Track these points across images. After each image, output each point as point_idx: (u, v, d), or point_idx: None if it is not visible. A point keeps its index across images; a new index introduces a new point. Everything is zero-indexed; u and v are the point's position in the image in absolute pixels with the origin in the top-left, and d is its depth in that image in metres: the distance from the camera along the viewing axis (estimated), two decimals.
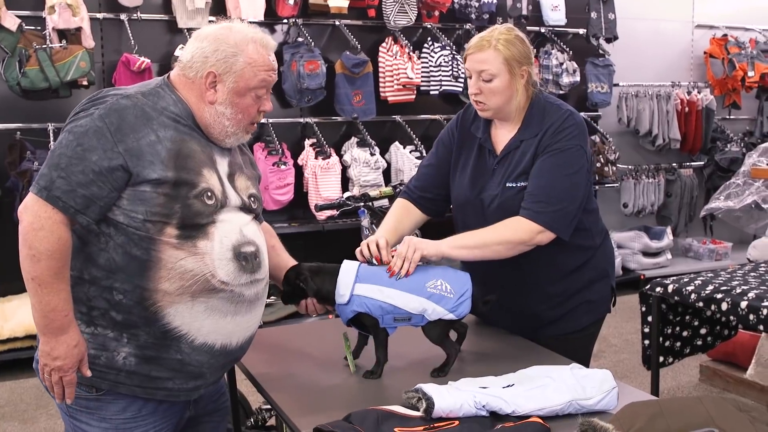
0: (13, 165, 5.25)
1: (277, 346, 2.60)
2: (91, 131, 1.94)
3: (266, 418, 3.47)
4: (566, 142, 2.46)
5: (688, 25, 8.04)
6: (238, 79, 2.05)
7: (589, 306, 2.65)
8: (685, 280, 3.69)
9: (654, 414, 1.68)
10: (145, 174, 1.95)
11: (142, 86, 2.10)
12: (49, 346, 1.96)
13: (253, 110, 2.11)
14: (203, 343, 2.05)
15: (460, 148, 2.65)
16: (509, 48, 2.45)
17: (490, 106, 2.50)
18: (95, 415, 2.08)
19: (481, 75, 2.47)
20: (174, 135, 2.01)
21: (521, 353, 2.42)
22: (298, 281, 2.32)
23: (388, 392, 2.15)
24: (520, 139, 2.52)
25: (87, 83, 5.26)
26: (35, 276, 1.92)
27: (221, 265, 2.02)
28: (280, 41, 6.17)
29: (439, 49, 6.35)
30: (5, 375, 5.04)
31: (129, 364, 2.02)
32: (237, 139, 2.14)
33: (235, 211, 2.09)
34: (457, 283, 2.26)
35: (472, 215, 2.58)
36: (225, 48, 2.04)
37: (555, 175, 2.44)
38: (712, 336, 4.06)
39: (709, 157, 7.78)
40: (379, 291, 2.24)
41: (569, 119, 2.50)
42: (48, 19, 5.21)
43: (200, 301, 2.01)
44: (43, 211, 1.91)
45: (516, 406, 1.90)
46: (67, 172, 1.92)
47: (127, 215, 1.97)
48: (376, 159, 6.13)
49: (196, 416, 2.28)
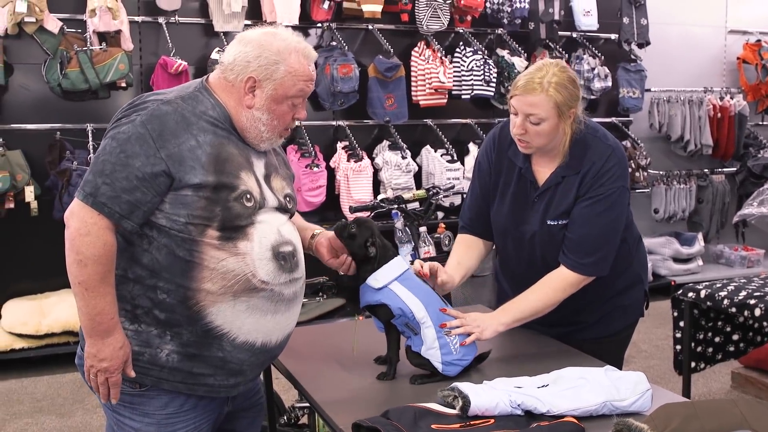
0: (53, 164, 5.36)
1: (312, 345, 2.64)
2: (134, 138, 1.97)
3: (299, 416, 3.52)
4: (609, 185, 2.43)
5: (721, 30, 7.98)
6: (277, 87, 2.08)
7: (623, 311, 2.68)
8: (718, 286, 3.69)
9: (688, 415, 1.70)
10: (187, 179, 1.98)
11: (180, 90, 2.13)
12: (95, 348, 2.01)
13: (288, 117, 2.14)
14: (244, 341, 2.09)
15: (499, 171, 2.61)
16: (560, 92, 2.36)
17: (534, 145, 2.44)
18: (138, 410, 2.12)
19: (528, 117, 2.38)
20: (213, 139, 2.04)
21: (555, 356, 2.45)
22: (369, 239, 2.30)
23: (423, 390, 2.18)
24: (562, 174, 2.48)
25: (125, 85, 5.36)
26: (82, 280, 1.96)
27: (261, 265, 2.06)
28: (314, 45, 6.23)
29: (471, 53, 6.37)
30: (43, 370, 5.14)
31: (172, 360, 2.07)
32: (271, 143, 2.18)
33: (272, 212, 2.13)
34: (468, 348, 2.30)
35: (512, 244, 2.61)
36: (268, 55, 2.07)
37: (598, 223, 2.44)
38: (745, 342, 4.05)
39: (742, 163, 7.71)
40: (410, 297, 2.27)
41: (612, 158, 2.45)
42: (89, 22, 5.32)
43: (242, 300, 2.05)
44: (89, 217, 1.95)
45: (551, 405, 1.93)
46: (112, 178, 1.96)
47: (169, 218, 2.01)
48: (408, 162, 6.17)
49: (233, 412, 2.32)
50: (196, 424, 2.16)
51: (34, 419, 4.43)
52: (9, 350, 5.12)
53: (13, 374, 5.10)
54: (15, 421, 4.40)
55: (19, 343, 5.14)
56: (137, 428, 2.13)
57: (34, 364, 5.19)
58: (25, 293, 5.49)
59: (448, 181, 5.91)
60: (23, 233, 5.47)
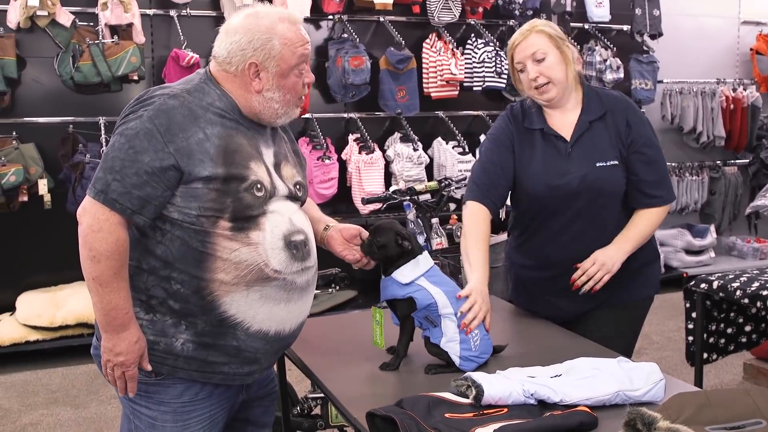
0: (66, 157, 5.40)
1: (325, 336, 2.65)
2: (142, 133, 1.98)
3: (312, 406, 3.53)
4: (647, 129, 2.69)
5: (734, 21, 7.93)
6: (279, 62, 2.09)
7: (646, 279, 2.80)
8: (731, 277, 3.69)
9: (701, 404, 1.70)
10: (197, 172, 1.99)
11: (185, 82, 2.14)
12: (111, 342, 2.03)
13: (298, 86, 2.15)
14: (258, 330, 2.11)
15: (521, 143, 2.69)
16: (548, 27, 2.62)
17: (554, 79, 2.59)
18: (154, 399, 2.14)
19: (533, 57, 2.58)
20: (221, 131, 2.05)
21: (568, 347, 2.44)
22: (398, 236, 2.28)
23: (437, 380, 2.19)
24: (588, 120, 2.64)
25: (137, 78, 5.38)
26: (96, 276, 1.99)
27: (273, 254, 2.07)
28: (326, 37, 6.25)
29: (482, 45, 6.36)
30: (58, 362, 5.18)
31: (187, 349, 2.08)
32: (288, 117, 2.18)
33: (283, 201, 2.14)
34: (486, 345, 2.30)
35: (555, 201, 2.64)
36: (259, 36, 2.07)
37: (660, 160, 2.70)
38: (757, 333, 4.04)
39: (755, 155, 7.68)
40: (437, 292, 2.26)
41: (629, 105, 2.72)
42: (100, 15, 5.34)
43: (255, 289, 2.06)
44: (101, 214, 1.97)
45: (564, 395, 1.93)
46: (122, 174, 1.97)
47: (180, 211, 2.02)
48: (419, 154, 6.17)
49: (248, 400, 2.34)
50: (212, 413, 2.18)
51: (49, 410, 4.46)
52: (24, 342, 5.16)
53: (29, 366, 5.15)
54: (30, 413, 4.44)
55: (33, 335, 5.18)
56: (153, 417, 2.15)
57: (48, 355, 5.23)
58: (39, 286, 5.54)
59: (459, 173, 5.91)
60: (37, 226, 5.51)
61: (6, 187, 5.12)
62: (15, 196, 5.24)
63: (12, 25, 5.23)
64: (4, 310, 5.44)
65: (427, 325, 2.29)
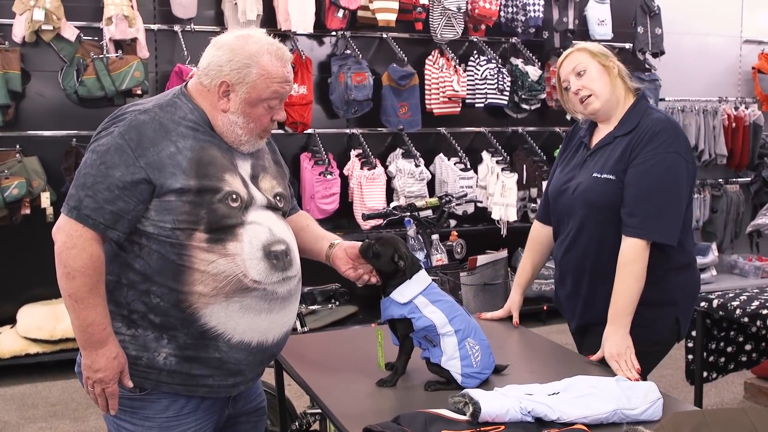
0: (69, 171, 5.40)
1: (324, 352, 2.65)
2: (113, 149, 2.00)
3: (311, 422, 3.53)
4: (662, 150, 2.47)
5: (736, 40, 7.97)
6: (250, 90, 2.09)
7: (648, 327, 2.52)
8: (731, 296, 3.68)
9: (699, 424, 1.70)
10: (169, 184, 2.00)
11: (159, 98, 2.15)
12: (90, 359, 2.03)
13: (265, 120, 2.14)
14: (240, 341, 2.10)
15: (567, 154, 2.80)
16: (590, 45, 2.67)
17: (596, 92, 2.59)
18: (139, 415, 2.13)
19: (575, 71, 2.62)
20: (193, 144, 2.06)
21: (566, 365, 2.44)
22: (396, 254, 2.28)
23: (435, 397, 2.19)
24: (614, 135, 2.61)
25: (141, 92, 5.41)
26: (71, 293, 2.00)
27: (252, 264, 2.07)
28: (329, 53, 6.28)
29: (485, 62, 6.39)
30: (57, 375, 5.18)
31: (169, 363, 2.08)
32: (251, 145, 2.17)
33: (262, 211, 2.14)
34: (487, 359, 2.28)
35: (560, 204, 2.68)
36: (240, 58, 2.07)
37: (653, 183, 2.46)
38: (757, 352, 4.03)
39: (756, 173, 7.70)
40: (433, 311, 2.25)
41: (665, 125, 2.51)
42: (105, 30, 5.37)
43: (234, 300, 2.06)
44: (75, 230, 1.98)
45: (561, 412, 1.93)
46: (93, 190, 1.99)
47: (155, 225, 2.03)
48: (421, 170, 6.19)
49: (235, 415, 2.33)
50: (197, 427, 2.17)
51: (49, 423, 4.46)
52: (24, 355, 5.17)
53: (28, 379, 5.15)
54: (30, 425, 4.43)
55: (33, 348, 5.18)
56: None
57: (48, 368, 5.23)
58: (40, 298, 5.53)
59: (461, 189, 5.91)
60: (39, 239, 5.48)
61: (9, 199, 5.14)
62: (18, 209, 5.25)
63: (17, 39, 5.26)
64: (5, 323, 5.44)
65: (426, 345, 2.29)
